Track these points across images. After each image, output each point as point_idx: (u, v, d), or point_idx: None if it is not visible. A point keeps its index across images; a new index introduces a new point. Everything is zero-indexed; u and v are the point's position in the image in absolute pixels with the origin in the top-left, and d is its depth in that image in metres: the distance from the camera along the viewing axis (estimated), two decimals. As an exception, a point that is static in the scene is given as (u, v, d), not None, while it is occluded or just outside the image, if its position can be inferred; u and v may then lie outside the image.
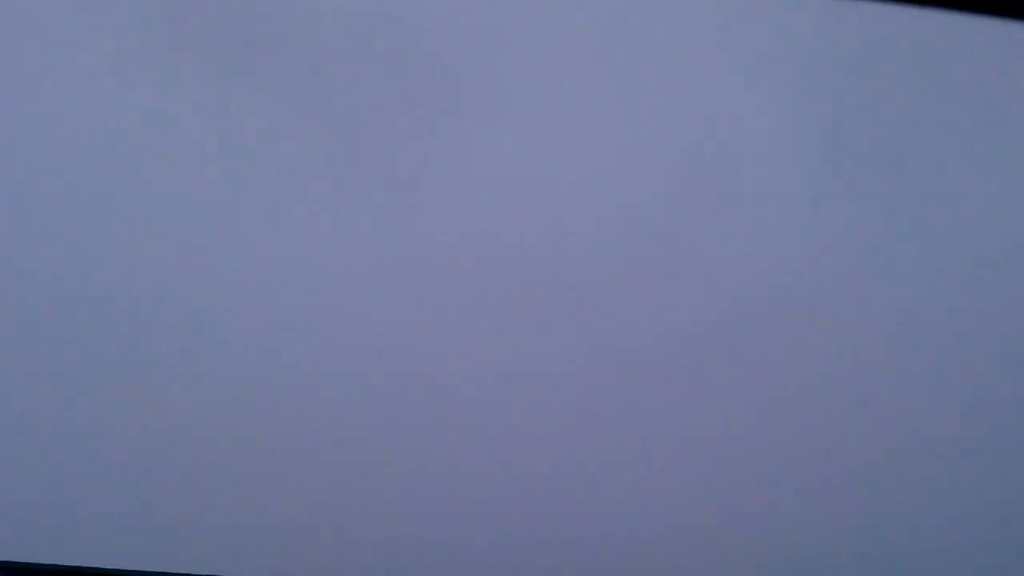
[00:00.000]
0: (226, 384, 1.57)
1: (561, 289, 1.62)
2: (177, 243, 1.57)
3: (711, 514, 1.63)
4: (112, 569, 1.55)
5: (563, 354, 1.61)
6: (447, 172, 1.61)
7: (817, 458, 1.64)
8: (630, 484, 1.61)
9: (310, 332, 1.58)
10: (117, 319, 1.56)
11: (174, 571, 1.55)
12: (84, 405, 1.55)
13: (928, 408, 1.67)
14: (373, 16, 1.62)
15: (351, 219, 1.60)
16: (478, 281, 1.61)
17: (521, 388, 1.61)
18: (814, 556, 1.65)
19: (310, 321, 1.58)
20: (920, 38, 1.69)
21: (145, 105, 1.57)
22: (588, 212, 1.63)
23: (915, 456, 1.67)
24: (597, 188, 1.64)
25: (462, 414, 1.60)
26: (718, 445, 1.63)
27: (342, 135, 1.61)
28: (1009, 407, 1.68)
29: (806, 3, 1.68)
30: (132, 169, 1.57)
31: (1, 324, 1.54)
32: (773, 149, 1.65)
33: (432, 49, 1.62)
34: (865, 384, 1.66)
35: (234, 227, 1.58)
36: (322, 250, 1.59)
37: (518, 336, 1.60)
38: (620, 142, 1.65)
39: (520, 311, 1.61)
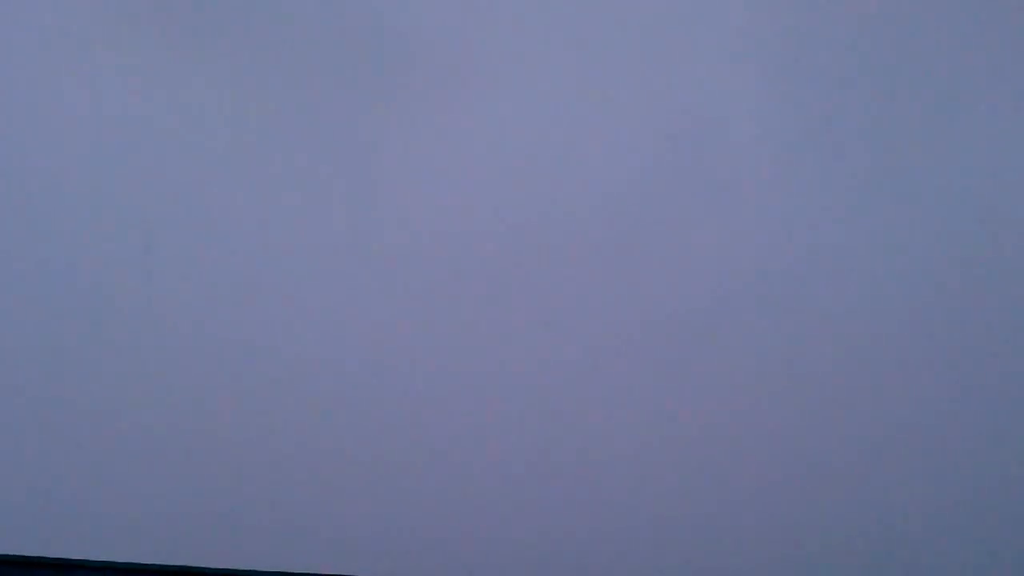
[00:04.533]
0: (208, 379, 1.59)
1: (543, 276, 1.64)
2: (149, 230, 1.59)
3: (700, 500, 1.65)
4: (106, 562, 1.58)
5: (545, 339, 1.63)
6: (432, 163, 1.63)
7: (801, 444, 1.65)
8: (615, 470, 1.63)
9: (288, 321, 1.60)
10: (92, 309, 1.58)
11: (171, 563, 1.58)
12: (80, 403, 1.57)
13: (916, 394, 1.69)
14: (355, 5, 1.63)
15: (333, 207, 1.62)
16: (459, 269, 1.62)
17: (503, 375, 1.62)
18: (799, 542, 1.67)
19: (288, 309, 1.60)
20: (902, 19, 1.70)
21: (106, 86, 1.58)
22: (570, 199, 1.64)
23: (902, 440, 1.68)
24: (579, 175, 1.65)
25: (442, 402, 1.62)
26: (702, 430, 1.64)
27: (324, 126, 1.62)
28: (1002, 388, 1.70)
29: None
30: (97, 153, 1.59)
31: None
32: (756, 135, 1.66)
33: (415, 37, 1.63)
34: (850, 366, 1.67)
35: (203, 214, 1.59)
36: (303, 241, 1.61)
37: (499, 324, 1.62)
38: (603, 129, 1.66)
39: (502, 299, 1.63)
